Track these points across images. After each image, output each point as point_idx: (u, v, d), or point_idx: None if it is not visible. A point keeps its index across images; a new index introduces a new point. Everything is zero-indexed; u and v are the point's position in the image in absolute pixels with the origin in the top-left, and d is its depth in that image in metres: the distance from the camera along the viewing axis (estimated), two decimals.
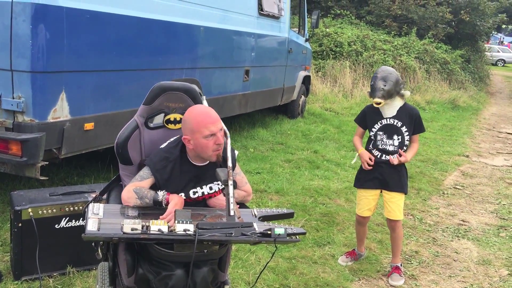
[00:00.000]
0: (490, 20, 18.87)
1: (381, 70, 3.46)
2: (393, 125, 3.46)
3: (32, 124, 3.44)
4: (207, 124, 2.22)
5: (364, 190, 3.59)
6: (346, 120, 9.74)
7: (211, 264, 2.17)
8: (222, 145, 2.25)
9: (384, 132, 3.48)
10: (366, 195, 3.59)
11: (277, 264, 3.55)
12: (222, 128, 2.28)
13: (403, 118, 3.46)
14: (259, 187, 5.23)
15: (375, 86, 3.39)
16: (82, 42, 3.73)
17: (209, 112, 2.28)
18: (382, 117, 3.48)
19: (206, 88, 5.66)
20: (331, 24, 15.91)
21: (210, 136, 2.22)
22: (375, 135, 3.51)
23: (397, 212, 3.52)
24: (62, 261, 3.08)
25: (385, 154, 3.48)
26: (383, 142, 3.48)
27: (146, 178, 2.28)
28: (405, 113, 3.47)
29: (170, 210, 2.11)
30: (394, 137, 3.47)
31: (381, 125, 3.48)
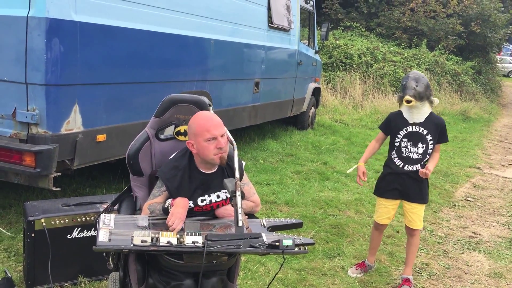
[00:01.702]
0: (501, 32, 18.77)
1: (412, 72, 3.45)
2: (418, 132, 3.42)
3: (46, 136, 3.51)
4: (209, 128, 2.27)
5: (384, 199, 3.59)
6: (356, 131, 9.75)
7: (220, 274, 2.20)
8: (223, 148, 2.28)
9: (409, 139, 3.44)
10: (386, 204, 3.59)
11: (286, 275, 3.56)
12: (225, 133, 2.31)
13: (430, 126, 3.42)
14: (268, 198, 5.24)
15: (406, 85, 3.35)
16: (95, 55, 3.81)
17: (211, 116, 2.34)
18: (408, 123, 3.44)
19: (216, 100, 5.71)
20: (341, 36, 15.96)
21: (212, 139, 2.26)
22: (399, 142, 3.47)
23: (418, 221, 3.54)
24: (74, 271, 3.12)
25: (408, 164, 3.45)
26: (407, 150, 3.44)
27: (158, 195, 2.34)
28: (432, 122, 3.44)
29: (173, 211, 2.15)
30: (418, 145, 3.43)
31: (406, 131, 3.44)
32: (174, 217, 2.11)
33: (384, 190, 3.57)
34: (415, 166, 3.44)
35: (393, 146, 3.52)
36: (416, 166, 3.44)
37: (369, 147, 3.71)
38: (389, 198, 3.56)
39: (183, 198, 2.26)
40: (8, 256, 3.47)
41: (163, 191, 2.35)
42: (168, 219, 2.11)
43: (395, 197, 3.54)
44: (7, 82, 3.52)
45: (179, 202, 2.22)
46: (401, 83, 3.45)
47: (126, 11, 4.09)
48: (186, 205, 2.24)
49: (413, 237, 3.60)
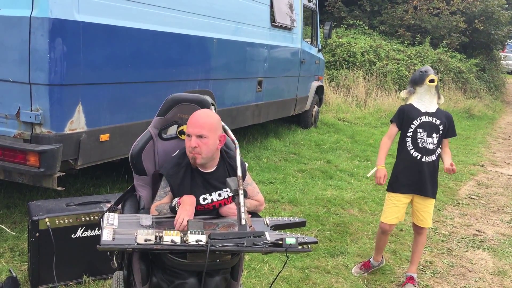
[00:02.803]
0: (505, 29, 18.69)
1: (428, 67, 3.46)
2: (432, 122, 3.42)
3: (50, 136, 3.52)
4: (188, 124, 2.32)
5: (397, 195, 3.50)
6: (360, 130, 9.73)
7: (223, 273, 2.20)
8: (196, 149, 2.27)
9: (424, 129, 3.42)
10: (397, 203, 3.51)
11: (290, 274, 3.56)
12: (202, 136, 2.28)
13: (441, 117, 3.45)
14: (272, 197, 5.25)
15: (427, 70, 3.38)
16: (98, 55, 3.82)
17: (199, 114, 2.34)
18: (421, 112, 3.43)
19: (220, 99, 5.72)
20: (344, 34, 15.93)
21: (188, 136, 2.30)
22: (414, 132, 3.43)
23: (429, 220, 3.53)
24: (78, 270, 3.13)
25: (425, 155, 3.41)
26: (424, 140, 3.41)
27: (164, 196, 2.35)
28: (442, 114, 3.48)
29: (181, 209, 2.16)
30: (433, 135, 3.41)
31: (420, 121, 3.42)
32: (182, 214, 2.12)
33: (400, 184, 3.49)
34: (431, 157, 3.41)
35: (405, 137, 3.47)
36: (432, 156, 3.41)
37: (384, 146, 3.59)
38: (404, 193, 3.48)
39: (190, 196, 2.27)
40: (13, 256, 3.49)
41: (168, 191, 2.35)
42: (177, 217, 2.12)
43: (410, 191, 3.47)
44: (10, 82, 3.53)
45: (186, 200, 2.23)
46: (415, 74, 3.45)
47: (129, 11, 4.10)
48: (193, 203, 2.25)
49: (421, 236, 3.59)
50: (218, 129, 2.35)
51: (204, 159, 2.32)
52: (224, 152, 2.48)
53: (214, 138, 2.31)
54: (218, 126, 2.36)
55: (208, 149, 2.30)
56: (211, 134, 2.30)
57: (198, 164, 2.34)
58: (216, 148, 2.34)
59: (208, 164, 2.38)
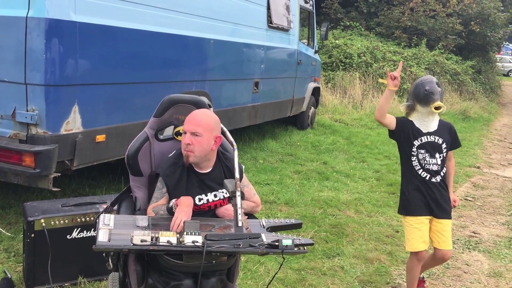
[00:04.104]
0: (501, 31, 18.78)
1: (428, 77, 3.11)
2: (434, 142, 3.12)
3: (45, 136, 3.51)
4: (185, 121, 2.34)
5: (415, 218, 3.13)
6: (356, 131, 9.75)
7: (219, 274, 2.20)
8: (189, 146, 2.29)
9: (426, 150, 3.11)
10: (418, 226, 3.12)
11: (286, 275, 3.56)
12: (197, 133, 2.29)
13: (444, 133, 3.15)
14: (268, 198, 5.24)
15: (431, 89, 2.99)
16: (94, 55, 3.81)
17: (197, 113, 2.36)
18: (422, 133, 3.12)
19: (216, 100, 5.71)
20: (340, 35, 15.97)
21: (184, 133, 2.31)
22: (416, 154, 3.13)
23: (450, 240, 3.21)
24: (74, 271, 3.12)
25: (432, 176, 3.11)
26: (426, 162, 3.11)
27: (161, 197, 2.36)
28: (444, 128, 3.17)
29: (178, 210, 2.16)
30: (436, 156, 3.11)
31: (421, 142, 3.12)
32: (180, 215, 2.12)
33: (414, 205, 3.14)
34: (437, 177, 3.13)
35: (409, 157, 3.15)
36: (437, 177, 3.13)
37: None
38: (421, 215, 3.12)
39: (187, 197, 2.27)
40: (8, 257, 3.47)
41: (164, 193, 2.35)
42: (174, 218, 2.12)
43: (426, 213, 3.13)
44: (6, 82, 3.52)
45: (184, 201, 2.23)
46: (418, 88, 3.04)
47: (126, 11, 4.10)
48: (190, 204, 2.25)
49: (445, 261, 3.26)
50: (215, 130, 2.35)
51: (197, 157, 2.31)
52: (221, 154, 2.49)
53: (209, 138, 2.31)
54: (215, 126, 2.36)
55: (201, 148, 2.30)
56: (206, 133, 2.30)
57: (191, 163, 2.34)
58: (210, 148, 2.34)
59: (203, 164, 2.37)
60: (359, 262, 3.93)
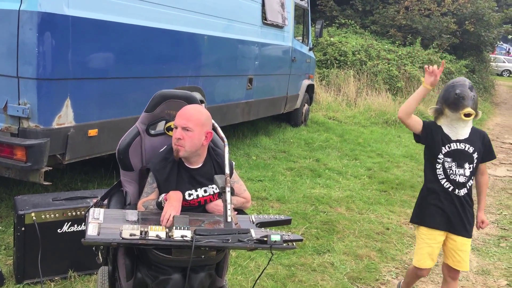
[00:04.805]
0: (495, 31, 18.89)
1: (461, 79, 2.82)
2: (464, 150, 2.81)
3: (37, 130, 3.51)
4: (176, 116, 2.36)
5: (430, 231, 2.88)
6: (349, 129, 9.78)
7: (208, 269, 2.21)
8: (179, 141, 2.30)
9: (452, 159, 2.82)
10: (429, 242, 2.88)
11: (276, 271, 3.58)
12: (188, 128, 2.30)
13: (476, 142, 2.83)
14: (260, 194, 5.26)
15: (462, 93, 2.71)
16: (87, 50, 3.80)
17: (188, 108, 2.37)
18: (451, 140, 2.82)
19: (210, 96, 5.72)
20: (335, 33, 15.99)
21: (175, 128, 2.33)
22: (442, 162, 2.84)
23: (467, 261, 2.92)
24: (64, 265, 3.13)
25: (457, 188, 2.83)
26: (452, 172, 2.82)
27: (151, 192, 2.36)
28: (477, 136, 2.85)
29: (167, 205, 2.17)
30: (465, 166, 2.81)
31: (449, 149, 2.82)
32: (169, 210, 2.13)
33: (428, 217, 2.88)
34: (462, 190, 2.84)
35: (434, 164, 2.87)
36: (462, 190, 2.84)
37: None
38: (434, 228, 2.87)
39: (176, 192, 2.28)
40: None
41: (155, 188, 2.36)
42: (163, 213, 2.13)
43: (442, 227, 2.86)
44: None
45: (173, 196, 2.24)
46: (449, 91, 2.77)
47: (119, 6, 4.09)
48: (180, 199, 2.26)
49: (455, 281, 2.99)
50: (206, 125, 2.36)
51: (187, 152, 2.33)
52: (212, 149, 2.50)
53: (199, 133, 2.32)
54: (206, 122, 2.37)
55: (191, 142, 2.31)
56: (197, 128, 2.31)
57: (181, 157, 2.35)
58: (201, 143, 2.35)
59: (194, 159, 2.39)
60: (349, 259, 3.96)
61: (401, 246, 4.36)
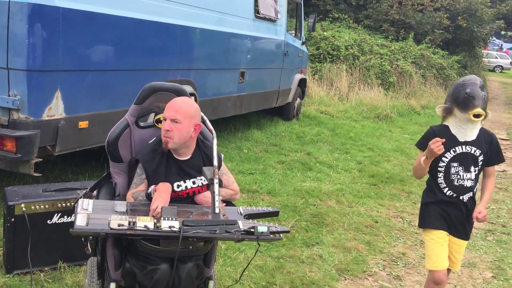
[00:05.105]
0: (488, 27, 19.00)
1: (472, 77, 2.72)
2: (470, 153, 2.73)
3: (27, 122, 3.51)
4: (165, 108, 2.37)
5: (439, 232, 2.80)
6: (341, 123, 9.83)
7: (196, 259, 2.24)
8: (168, 133, 2.32)
9: (459, 163, 2.74)
10: (441, 242, 2.80)
11: (265, 263, 3.62)
12: (176, 120, 2.32)
13: (483, 145, 2.75)
14: (251, 187, 5.30)
15: (473, 93, 2.61)
16: (77, 42, 3.80)
17: (177, 100, 2.40)
18: (458, 142, 2.73)
19: (201, 89, 5.73)
20: (329, 27, 16.00)
21: (164, 120, 2.35)
22: (447, 167, 2.76)
23: (459, 261, 2.94)
24: (54, 256, 3.14)
25: (461, 194, 2.76)
26: (459, 177, 2.75)
27: (140, 183, 2.39)
28: (484, 139, 2.76)
29: (156, 196, 2.20)
30: (471, 169, 2.74)
31: (455, 153, 2.73)
32: (157, 201, 2.16)
33: (438, 220, 2.81)
34: (468, 194, 2.78)
35: (437, 171, 2.79)
36: (469, 194, 2.79)
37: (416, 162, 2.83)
38: (442, 229, 2.80)
39: (165, 183, 2.31)
40: None
41: (144, 179, 2.39)
42: (152, 204, 2.16)
43: (447, 229, 2.81)
44: None
45: (162, 187, 2.27)
46: (458, 90, 2.66)
47: None
48: (169, 190, 2.29)
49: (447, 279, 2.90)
50: (194, 117, 2.38)
51: (176, 144, 2.35)
52: (200, 142, 2.52)
53: (188, 125, 2.34)
54: (195, 114, 2.39)
55: (180, 134, 2.33)
56: (186, 121, 2.33)
57: (170, 149, 2.37)
58: (190, 135, 2.37)
59: (182, 151, 2.41)
60: (338, 251, 4.00)
61: (389, 239, 4.42)
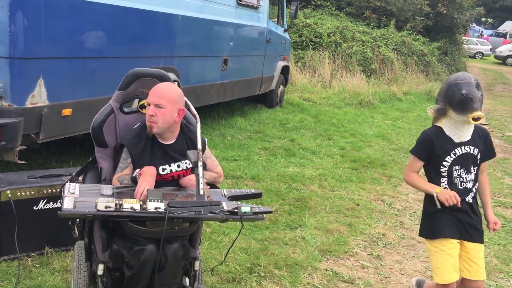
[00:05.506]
0: (467, 13, 19.22)
1: (466, 76, 2.57)
2: (470, 153, 2.61)
3: (11, 109, 3.52)
4: (149, 93, 2.43)
5: (446, 241, 2.61)
6: (324, 110, 9.93)
7: (182, 240, 2.31)
8: (152, 117, 2.37)
9: (461, 165, 2.61)
10: (450, 252, 2.60)
11: (249, 245, 3.71)
12: (160, 105, 2.37)
13: (478, 142, 2.64)
14: (235, 173, 5.37)
15: (470, 95, 2.46)
16: (60, 29, 3.80)
17: (160, 86, 2.45)
18: (455, 143, 2.61)
19: (184, 76, 5.75)
20: (311, 15, 16.04)
21: (148, 105, 2.40)
22: (449, 172, 2.62)
23: (484, 269, 2.67)
24: (41, 242, 3.18)
25: (465, 197, 2.62)
26: (463, 179, 2.61)
27: (126, 167, 2.44)
28: (478, 136, 2.65)
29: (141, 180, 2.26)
30: (471, 170, 2.63)
31: (455, 156, 2.61)
32: (143, 184, 2.21)
33: (444, 227, 2.61)
34: (469, 196, 2.64)
35: (439, 177, 2.64)
36: (471, 195, 2.65)
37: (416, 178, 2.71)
38: (453, 238, 2.61)
39: (150, 167, 2.36)
40: None
41: (129, 163, 2.44)
42: (138, 187, 2.21)
43: (457, 236, 2.62)
44: None
45: (147, 170, 2.33)
46: (453, 90, 2.52)
47: None
48: (154, 174, 2.35)
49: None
50: (178, 102, 2.43)
51: (160, 128, 2.40)
52: (184, 126, 2.58)
53: (172, 110, 2.40)
54: (178, 99, 2.44)
55: (164, 119, 2.38)
56: (169, 105, 2.38)
57: (154, 134, 2.42)
58: (173, 120, 2.43)
59: (167, 136, 2.46)
60: (320, 233, 4.11)
61: (370, 221, 4.54)
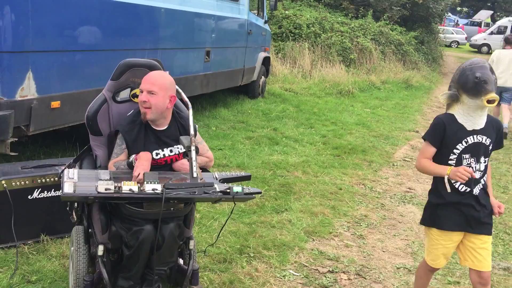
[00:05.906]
0: (443, 3, 19.59)
1: (480, 60, 2.52)
2: (482, 143, 2.53)
3: (1, 102, 3.58)
4: (142, 81, 2.55)
5: (445, 233, 2.61)
6: (305, 99, 10.11)
7: (177, 220, 2.45)
8: (145, 103, 2.49)
9: (471, 154, 2.52)
10: (445, 243, 2.62)
11: (238, 228, 3.86)
12: (153, 92, 2.50)
13: (491, 133, 2.56)
14: (221, 162, 5.50)
15: (484, 77, 2.41)
16: (47, 22, 3.87)
17: (153, 73, 2.58)
18: (467, 131, 2.52)
19: (168, 68, 5.76)
20: (290, 6, 16.16)
21: (141, 92, 2.52)
22: (458, 160, 2.53)
23: (489, 260, 2.61)
24: (36, 230, 3.27)
25: (474, 188, 2.56)
26: (472, 169, 2.51)
27: (121, 153, 2.55)
28: (493, 126, 2.57)
29: (137, 164, 2.38)
30: (481, 160, 2.55)
31: (467, 144, 2.52)
32: (139, 168, 2.33)
33: (445, 220, 2.59)
34: (479, 185, 2.57)
35: (447, 165, 2.54)
36: (479, 186, 2.57)
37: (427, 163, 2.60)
38: (453, 231, 2.60)
39: (146, 152, 2.49)
40: None
41: (124, 149, 2.55)
42: (134, 171, 2.33)
43: (460, 229, 2.59)
44: None
45: (142, 155, 2.45)
46: (466, 75, 2.45)
47: None
48: (149, 158, 2.47)
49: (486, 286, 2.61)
50: (170, 89, 2.56)
51: (154, 114, 2.52)
52: (176, 113, 2.70)
53: (164, 96, 2.52)
54: (170, 86, 2.57)
55: (157, 105, 2.51)
56: (161, 92, 2.51)
57: (148, 119, 2.54)
58: (166, 106, 2.55)
59: (159, 122, 2.59)
60: (305, 216, 4.28)
61: (353, 204, 4.72)
